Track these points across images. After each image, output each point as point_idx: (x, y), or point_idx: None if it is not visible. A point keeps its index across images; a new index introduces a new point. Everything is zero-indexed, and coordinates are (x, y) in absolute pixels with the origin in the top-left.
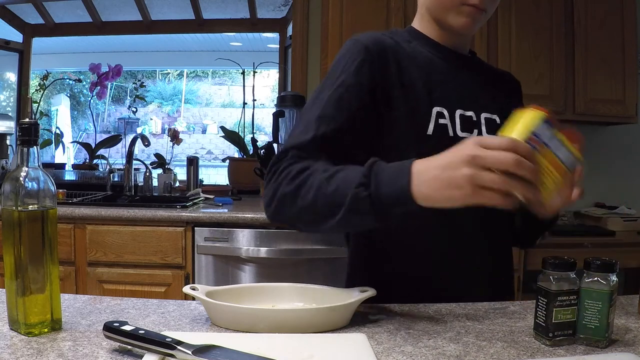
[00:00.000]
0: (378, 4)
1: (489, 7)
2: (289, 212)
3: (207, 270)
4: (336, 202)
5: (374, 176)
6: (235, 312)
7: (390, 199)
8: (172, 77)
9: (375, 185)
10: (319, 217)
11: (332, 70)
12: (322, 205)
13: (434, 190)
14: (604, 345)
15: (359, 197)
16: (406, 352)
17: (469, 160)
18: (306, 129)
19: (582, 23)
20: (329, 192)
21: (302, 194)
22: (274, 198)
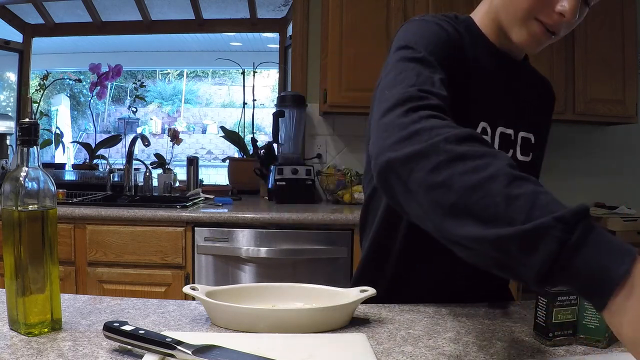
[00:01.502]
0: (378, 4)
1: (561, 33)
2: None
3: (207, 270)
4: (511, 212)
5: (584, 227)
6: (235, 312)
7: (583, 268)
8: (172, 77)
9: (581, 238)
10: (466, 209)
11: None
12: (485, 199)
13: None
14: (604, 345)
15: (549, 234)
16: (406, 352)
17: None
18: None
19: (582, 23)
20: (506, 194)
21: (464, 167)
22: (412, 141)
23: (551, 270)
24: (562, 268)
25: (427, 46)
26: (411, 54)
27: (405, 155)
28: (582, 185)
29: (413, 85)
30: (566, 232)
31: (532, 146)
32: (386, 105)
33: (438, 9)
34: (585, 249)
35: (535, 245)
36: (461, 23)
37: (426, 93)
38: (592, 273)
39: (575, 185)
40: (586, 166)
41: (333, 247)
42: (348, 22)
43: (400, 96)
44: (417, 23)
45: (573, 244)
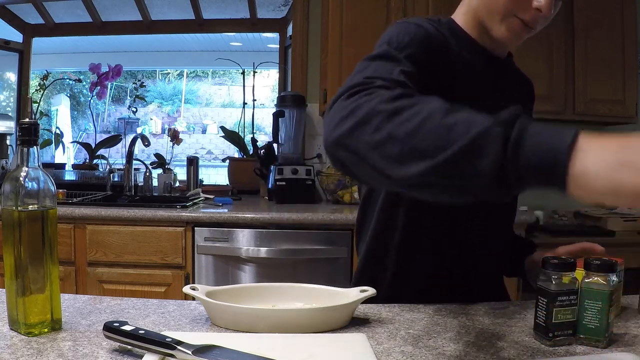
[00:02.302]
0: (378, 4)
1: (538, 27)
2: (369, 136)
3: (207, 270)
4: (451, 136)
5: (521, 122)
6: (235, 312)
7: (531, 156)
8: (172, 77)
9: (520, 130)
10: (412, 151)
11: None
12: (427, 136)
13: (599, 167)
14: (604, 345)
15: (491, 134)
16: (406, 352)
17: None
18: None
19: (582, 23)
20: (446, 123)
21: (401, 118)
22: (352, 115)
23: (503, 168)
24: (512, 162)
25: (399, 43)
26: (376, 52)
27: (348, 128)
28: None
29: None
30: (506, 130)
31: None
32: (336, 95)
33: (438, 9)
34: (528, 137)
35: (482, 151)
36: (444, 25)
37: (373, 79)
38: (542, 155)
39: None
40: None
41: (333, 247)
42: (348, 22)
43: (345, 89)
44: (397, 25)
45: (515, 137)
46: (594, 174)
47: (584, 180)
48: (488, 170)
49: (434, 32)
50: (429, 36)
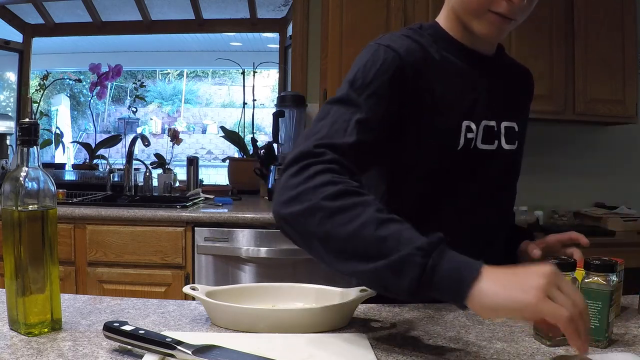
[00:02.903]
0: (378, 4)
1: (519, 16)
2: (312, 226)
3: (207, 270)
4: (381, 251)
5: (439, 251)
6: (235, 312)
7: (441, 282)
8: (172, 77)
9: (437, 258)
10: (346, 253)
11: (363, 73)
12: (362, 244)
13: (496, 287)
14: (604, 345)
15: (411, 261)
16: (406, 352)
17: (549, 274)
18: (344, 128)
19: (582, 23)
20: (378, 235)
21: (342, 219)
22: (298, 201)
23: (418, 287)
24: (426, 285)
25: (364, 80)
26: (340, 94)
27: (294, 213)
28: (582, 185)
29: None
30: (424, 257)
31: (516, 134)
32: (287, 160)
33: (438, 9)
34: (441, 267)
35: (403, 271)
36: (425, 31)
37: (325, 148)
38: (449, 283)
39: (575, 185)
40: (586, 166)
41: None
42: (348, 22)
43: (298, 154)
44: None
45: (430, 265)
46: (490, 293)
47: (481, 297)
48: (406, 287)
49: (408, 47)
50: (397, 57)
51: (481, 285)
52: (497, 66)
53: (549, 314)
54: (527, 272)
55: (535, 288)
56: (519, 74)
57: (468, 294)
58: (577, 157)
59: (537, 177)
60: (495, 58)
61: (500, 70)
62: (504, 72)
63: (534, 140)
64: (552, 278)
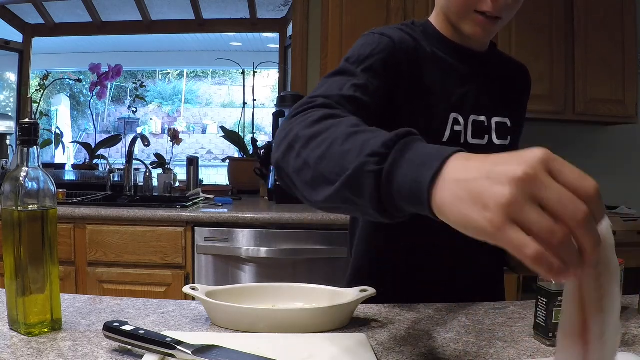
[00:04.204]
0: (378, 4)
1: (505, 15)
2: (293, 161)
3: (207, 270)
4: (342, 167)
5: (399, 150)
6: (235, 312)
7: (401, 188)
8: (172, 77)
9: (393, 162)
10: (319, 177)
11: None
12: (327, 165)
13: (453, 199)
14: None
15: (364, 170)
16: (406, 352)
17: (523, 179)
18: (340, 87)
19: (582, 23)
20: (341, 151)
21: (314, 144)
22: (285, 140)
23: (380, 201)
24: (387, 195)
25: (359, 56)
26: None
27: (281, 153)
28: None
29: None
30: (379, 164)
31: (508, 130)
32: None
33: None
34: (399, 170)
35: (360, 185)
36: (417, 27)
37: (316, 97)
38: (410, 189)
39: None
40: (586, 166)
41: (333, 247)
42: (348, 22)
43: (293, 110)
44: (363, 37)
45: (386, 171)
46: (448, 205)
47: (442, 211)
48: (369, 203)
49: (401, 36)
50: (392, 42)
51: (440, 197)
52: (489, 63)
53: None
54: (497, 166)
55: (495, 206)
56: (513, 70)
57: (430, 203)
58: (577, 157)
59: None
60: (488, 55)
61: (493, 66)
62: (497, 68)
63: (534, 140)
64: (523, 184)
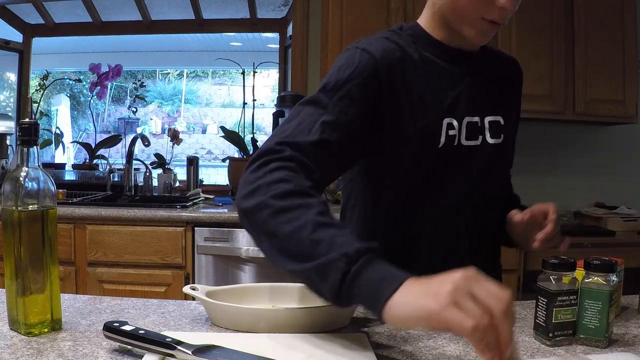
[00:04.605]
0: (378, 4)
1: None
2: (260, 222)
3: (207, 270)
4: (311, 253)
5: (366, 260)
6: (235, 312)
7: (363, 289)
8: (172, 77)
9: (361, 267)
10: (286, 252)
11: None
12: (295, 245)
13: (407, 296)
14: (604, 345)
15: (336, 266)
16: (406, 352)
17: (462, 278)
18: (309, 128)
19: (582, 23)
20: (311, 239)
21: (283, 220)
22: (253, 196)
23: (338, 293)
24: (347, 290)
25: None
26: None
27: (248, 207)
28: (582, 185)
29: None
30: (348, 265)
31: (502, 128)
32: (251, 158)
33: None
34: (362, 276)
35: (327, 274)
36: (405, 32)
37: (285, 145)
38: (368, 294)
39: (575, 185)
40: (586, 166)
41: None
42: (348, 22)
43: (261, 150)
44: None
45: (352, 272)
46: (401, 302)
47: (394, 308)
48: (329, 291)
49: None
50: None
51: (396, 296)
52: (480, 61)
53: (452, 324)
54: (442, 278)
55: (442, 294)
56: (504, 64)
57: (384, 305)
58: (577, 157)
59: (537, 177)
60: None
61: (484, 65)
62: (488, 66)
63: (534, 140)
64: (461, 283)
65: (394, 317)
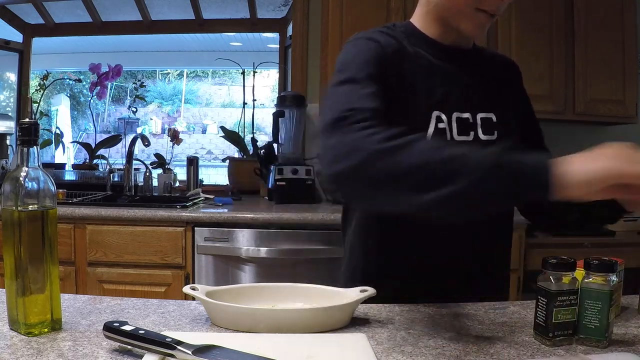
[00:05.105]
0: (378, 4)
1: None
2: (375, 171)
3: (207, 270)
4: (460, 168)
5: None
6: (235, 312)
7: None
8: (172, 77)
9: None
10: (419, 185)
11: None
12: (434, 172)
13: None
14: (604, 345)
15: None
16: (406, 352)
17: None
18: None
19: (582, 23)
20: (451, 155)
21: (406, 155)
22: (351, 153)
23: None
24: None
25: (357, 64)
26: (342, 77)
27: (352, 166)
28: None
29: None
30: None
31: (494, 125)
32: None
33: None
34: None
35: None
36: (398, 29)
37: (351, 111)
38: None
39: None
40: None
41: (333, 247)
42: (348, 22)
43: (330, 120)
44: (351, 43)
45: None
46: (578, 170)
47: (570, 176)
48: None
49: (386, 40)
50: (379, 46)
51: (564, 168)
52: (476, 60)
53: None
54: (603, 149)
55: (619, 156)
56: (501, 65)
57: (554, 178)
58: None
59: None
60: (473, 52)
61: (480, 64)
62: (484, 65)
63: None
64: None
65: (574, 184)
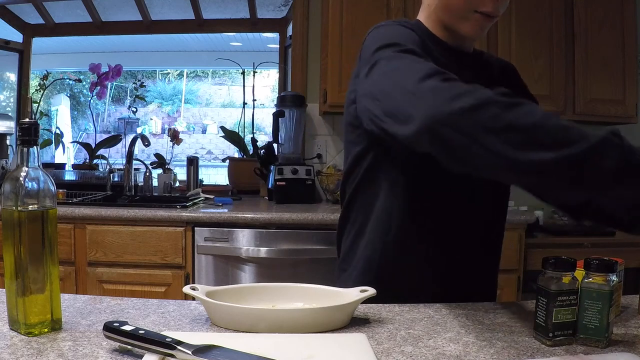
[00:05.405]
0: (378, 4)
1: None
2: (485, 119)
3: (207, 270)
4: (571, 137)
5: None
6: (235, 312)
7: None
8: (172, 77)
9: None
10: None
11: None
12: (550, 132)
13: None
14: (603, 345)
15: (611, 142)
16: (406, 352)
17: None
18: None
19: (582, 23)
20: (563, 125)
21: (520, 112)
22: (465, 97)
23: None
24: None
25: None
26: (402, 48)
27: (465, 108)
28: None
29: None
30: (620, 139)
31: None
32: (417, 76)
33: None
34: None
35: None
36: (414, 25)
37: (443, 73)
38: None
39: None
40: None
41: (333, 247)
42: (348, 22)
43: (428, 70)
44: (387, 27)
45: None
46: None
47: None
48: (607, 167)
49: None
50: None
51: None
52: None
53: None
54: None
55: None
56: (501, 68)
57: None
58: None
59: None
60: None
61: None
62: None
63: None
64: None
65: None
